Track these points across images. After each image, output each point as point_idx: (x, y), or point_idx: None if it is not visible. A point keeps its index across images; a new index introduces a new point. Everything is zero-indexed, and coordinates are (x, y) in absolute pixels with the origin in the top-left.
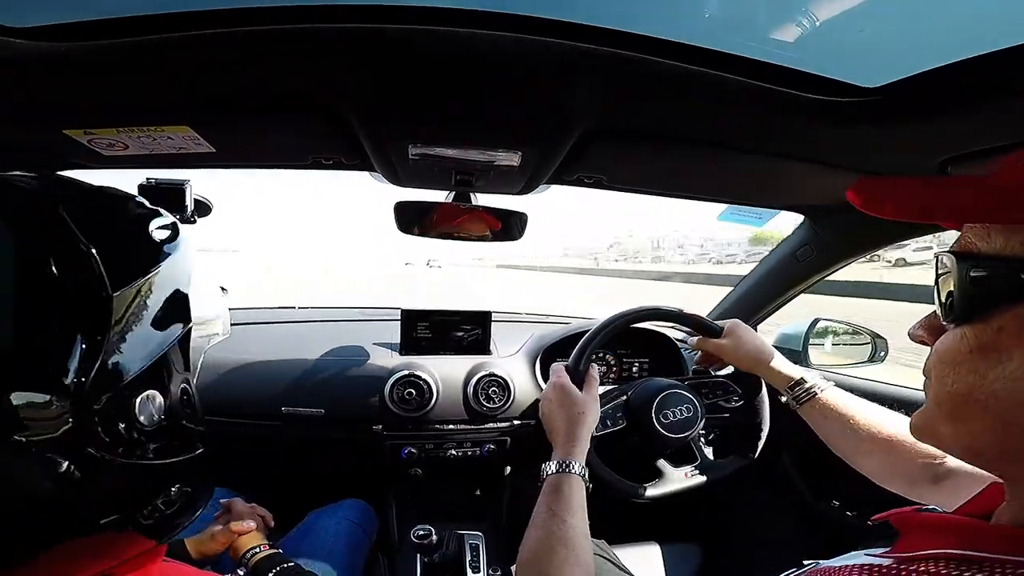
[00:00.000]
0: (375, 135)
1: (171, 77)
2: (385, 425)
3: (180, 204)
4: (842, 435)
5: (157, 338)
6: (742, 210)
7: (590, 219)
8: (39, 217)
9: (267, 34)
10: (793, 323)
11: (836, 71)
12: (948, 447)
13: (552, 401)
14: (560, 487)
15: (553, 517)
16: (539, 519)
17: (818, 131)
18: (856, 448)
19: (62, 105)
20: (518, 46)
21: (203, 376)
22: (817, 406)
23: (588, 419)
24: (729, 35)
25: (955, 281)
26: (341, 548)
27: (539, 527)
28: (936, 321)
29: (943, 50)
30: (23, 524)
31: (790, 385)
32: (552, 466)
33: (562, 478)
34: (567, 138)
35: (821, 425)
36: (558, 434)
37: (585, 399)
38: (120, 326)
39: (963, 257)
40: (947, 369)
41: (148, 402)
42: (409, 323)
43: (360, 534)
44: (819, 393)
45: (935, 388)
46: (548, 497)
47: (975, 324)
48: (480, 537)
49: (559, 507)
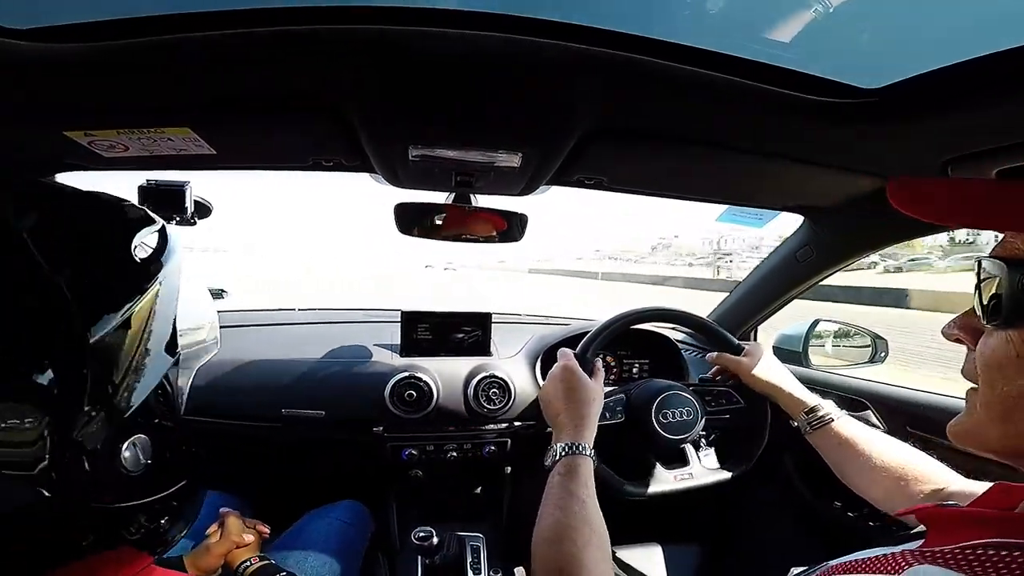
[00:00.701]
0: (376, 136)
1: (172, 79)
2: (386, 427)
3: (180, 206)
4: (853, 464)
5: (142, 379)
6: (742, 211)
7: (624, 217)
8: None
9: (269, 36)
10: (793, 324)
11: (836, 72)
12: (993, 448)
13: (560, 382)
14: (575, 468)
15: (572, 497)
16: (557, 500)
17: (817, 132)
18: (865, 477)
19: (62, 106)
20: (519, 47)
21: (204, 378)
22: (830, 434)
23: (595, 405)
24: (729, 36)
25: (1002, 286)
26: (332, 549)
27: (558, 508)
28: (975, 322)
29: (942, 51)
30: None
31: (805, 411)
32: (561, 447)
33: (576, 459)
34: (568, 139)
35: (832, 452)
36: (565, 415)
37: (593, 385)
38: (97, 370)
39: (1013, 263)
40: (995, 373)
41: (134, 448)
42: (409, 325)
43: (352, 534)
44: (833, 421)
45: (984, 392)
46: (564, 478)
47: (1021, 328)
48: (481, 538)
49: (577, 487)
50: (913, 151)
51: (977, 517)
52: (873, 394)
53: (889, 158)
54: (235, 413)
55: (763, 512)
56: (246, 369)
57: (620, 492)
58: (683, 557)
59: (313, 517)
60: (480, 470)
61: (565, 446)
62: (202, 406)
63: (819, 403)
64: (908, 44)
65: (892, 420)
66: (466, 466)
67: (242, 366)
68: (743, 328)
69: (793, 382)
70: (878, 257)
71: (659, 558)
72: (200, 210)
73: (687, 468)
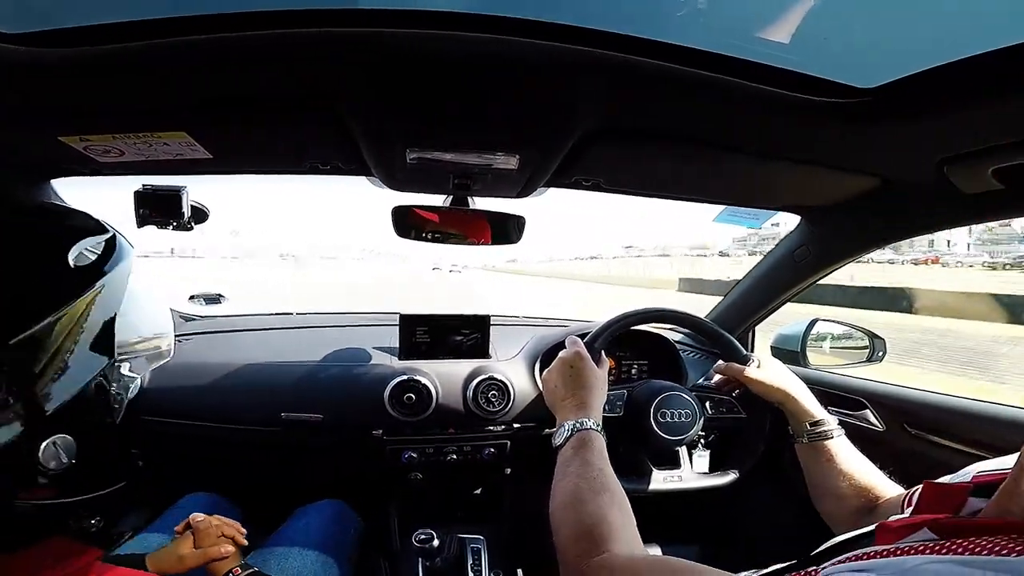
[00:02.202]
0: (373, 139)
1: (167, 83)
2: (385, 430)
3: (177, 210)
4: (833, 481)
5: (68, 380)
6: (739, 211)
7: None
8: None
9: (264, 40)
10: (791, 323)
11: (832, 72)
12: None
13: (569, 367)
14: (588, 441)
15: (588, 465)
16: (572, 468)
17: (814, 132)
18: (835, 494)
19: (57, 111)
20: (516, 49)
21: (202, 381)
22: (823, 449)
23: (601, 393)
24: (725, 37)
25: None
26: (314, 548)
27: (577, 476)
28: None
29: (938, 51)
30: None
31: (811, 422)
32: (571, 424)
33: (588, 433)
34: (565, 140)
35: (817, 466)
36: (572, 400)
37: (600, 374)
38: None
39: None
40: None
41: (54, 447)
42: (408, 328)
43: (335, 533)
44: (831, 438)
45: None
46: (577, 451)
47: None
48: (481, 540)
49: (592, 456)
50: (909, 150)
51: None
52: (871, 393)
53: (885, 157)
54: (234, 417)
55: (762, 512)
56: (244, 373)
57: None
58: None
59: (295, 517)
60: (480, 472)
61: (575, 423)
62: (199, 410)
63: (825, 418)
64: (903, 43)
65: (890, 419)
66: (466, 468)
67: (240, 370)
68: (741, 328)
69: (806, 392)
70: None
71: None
72: (197, 215)
73: (677, 471)
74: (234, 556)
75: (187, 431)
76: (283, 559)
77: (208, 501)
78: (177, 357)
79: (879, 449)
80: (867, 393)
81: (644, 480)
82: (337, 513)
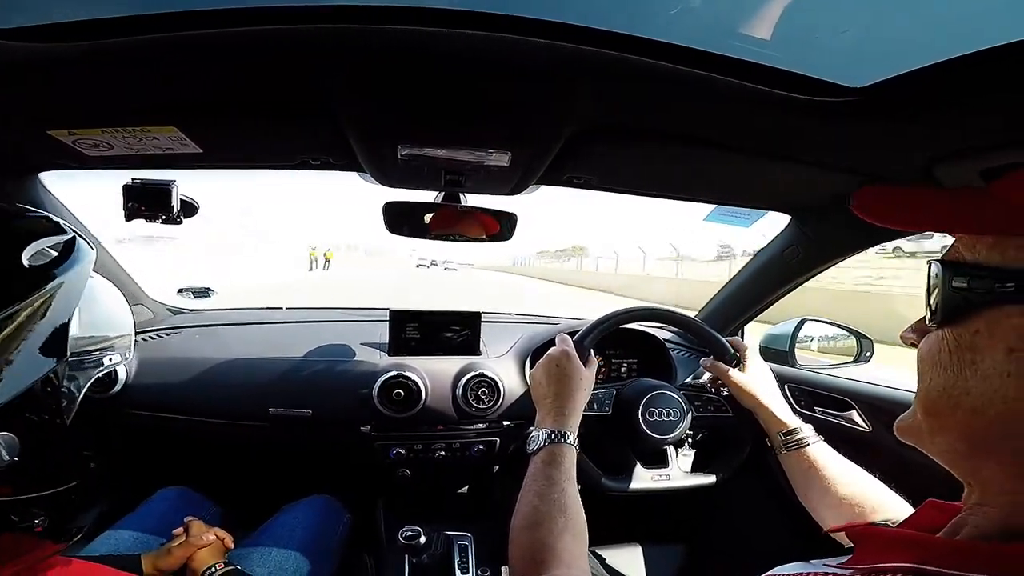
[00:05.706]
0: (364, 135)
1: (157, 78)
2: (374, 426)
3: (166, 204)
4: (818, 489)
5: (11, 378)
6: (729, 211)
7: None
8: None
9: (255, 35)
10: (780, 323)
11: (821, 71)
12: (928, 446)
13: (556, 365)
14: (557, 457)
15: (552, 484)
16: (536, 486)
17: (803, 131)
18: (825, 502)
19: (46, 105)
20: (508, 46)
21: (191, 376)
22: (802, 457)
23: (585, 393)
24: (714, 35)
25: (939, 287)
26: (298, 544)
27: (537, 495)
28: (925, 325)
29: (927, 50)
30: None
31: (785, 431)
32: (544, 435)
33: (559, 448)
34: (557, 138)
35: (799, 475)
36: (553, 400)
37: (587, 374)
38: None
39: (948, 265)
40: (928, 368)
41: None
42: (398, 324)
43: (321, 528)
44: (808, 446)
45: (919, 386)
46: (545, 466)
47: (955, 327)
48: (469, 538)
49: (558, 475)
50: (898, 149)
51: (903, 539)
52: (858, 393)
53: (874, 156)
54: (221, 412)
55: (747, 512)
56: (233, 367)
57: (596, 484)
58: (666, 558)
59: (280, 514)
60: (468, 469)
61: (548, 433)
62: (186, 404)
63: (799, 426)
64: (892, 42)
65: (876, 419)
66: (454, 465)
67: (229, 364)
68: (730, 327)
69: (779, 401)
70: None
71: (641, 559)
72: (186, 209)
73: (665, 469)
74: (216, 552)
75: (173, 425)
76: (265, 555)
77: (181, 495)
78: (165, 351)
79: (866, 450)
80: (853, 393)
81: (633, 479)
82: (324, 508)
